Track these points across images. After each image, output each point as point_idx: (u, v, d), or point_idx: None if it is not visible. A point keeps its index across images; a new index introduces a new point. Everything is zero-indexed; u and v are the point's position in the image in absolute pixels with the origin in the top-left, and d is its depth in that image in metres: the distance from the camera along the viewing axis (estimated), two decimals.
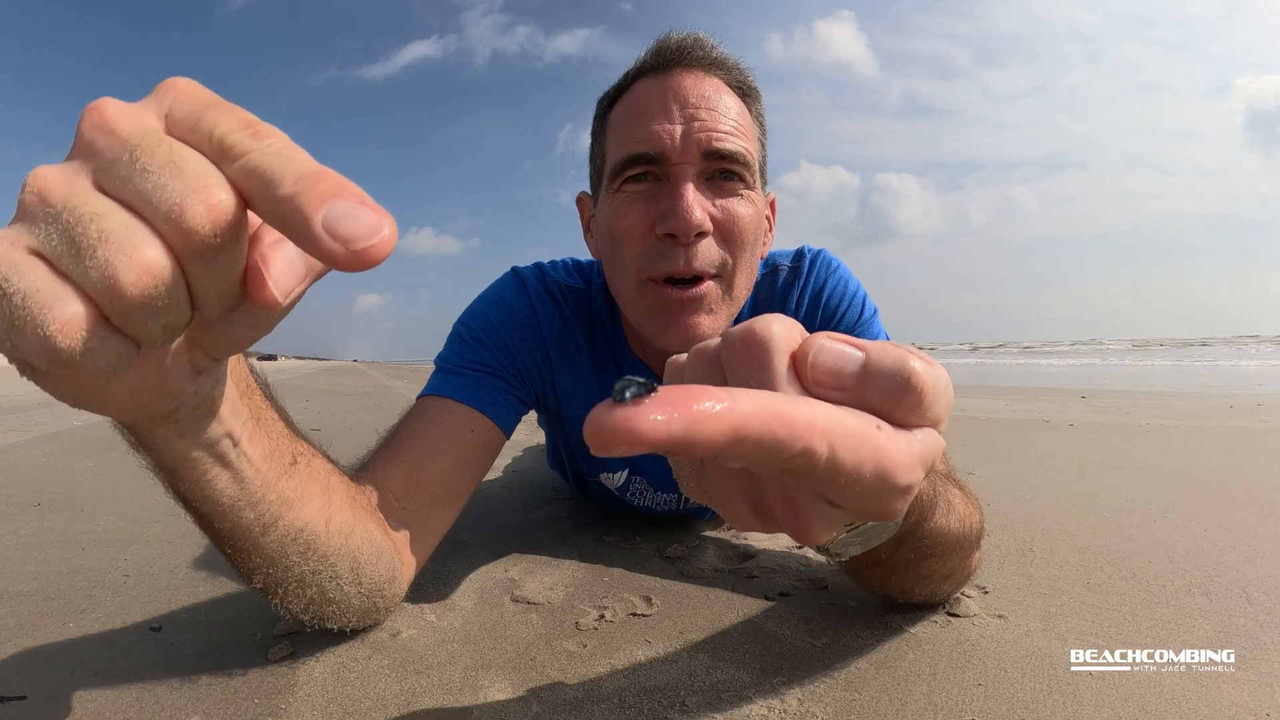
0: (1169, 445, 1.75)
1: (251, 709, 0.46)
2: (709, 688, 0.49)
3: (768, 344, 0.22)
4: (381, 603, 0.54)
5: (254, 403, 0.39)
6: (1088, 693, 0.47)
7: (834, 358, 0.21)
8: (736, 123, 0.61)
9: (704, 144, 0.59)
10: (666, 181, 0.60)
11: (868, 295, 0.75)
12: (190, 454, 0.34)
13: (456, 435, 0.63)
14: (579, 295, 0.76)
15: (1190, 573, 0.74)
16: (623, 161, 0.61)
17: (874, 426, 0.21)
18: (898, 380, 0.21)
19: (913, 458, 0.21)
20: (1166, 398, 3.54)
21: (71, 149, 0.22)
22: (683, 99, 0.60)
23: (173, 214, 0.20)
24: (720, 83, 0.62)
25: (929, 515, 0.46)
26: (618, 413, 0.17)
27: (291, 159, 0.21)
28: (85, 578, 0.73)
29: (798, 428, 0.18)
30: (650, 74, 0.63)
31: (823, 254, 0.76)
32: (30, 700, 0.47)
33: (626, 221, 0.61)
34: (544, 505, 1.10)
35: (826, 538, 0.24)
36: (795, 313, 0.73)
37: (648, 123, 0.60)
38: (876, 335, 0.73)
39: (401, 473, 0.58)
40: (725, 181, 0.61)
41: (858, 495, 0.21)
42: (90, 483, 1.26)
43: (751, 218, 0.62)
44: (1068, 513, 1.03)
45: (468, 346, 0.70)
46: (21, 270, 0.20)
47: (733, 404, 0.18)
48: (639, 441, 0.17)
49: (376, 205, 0.20)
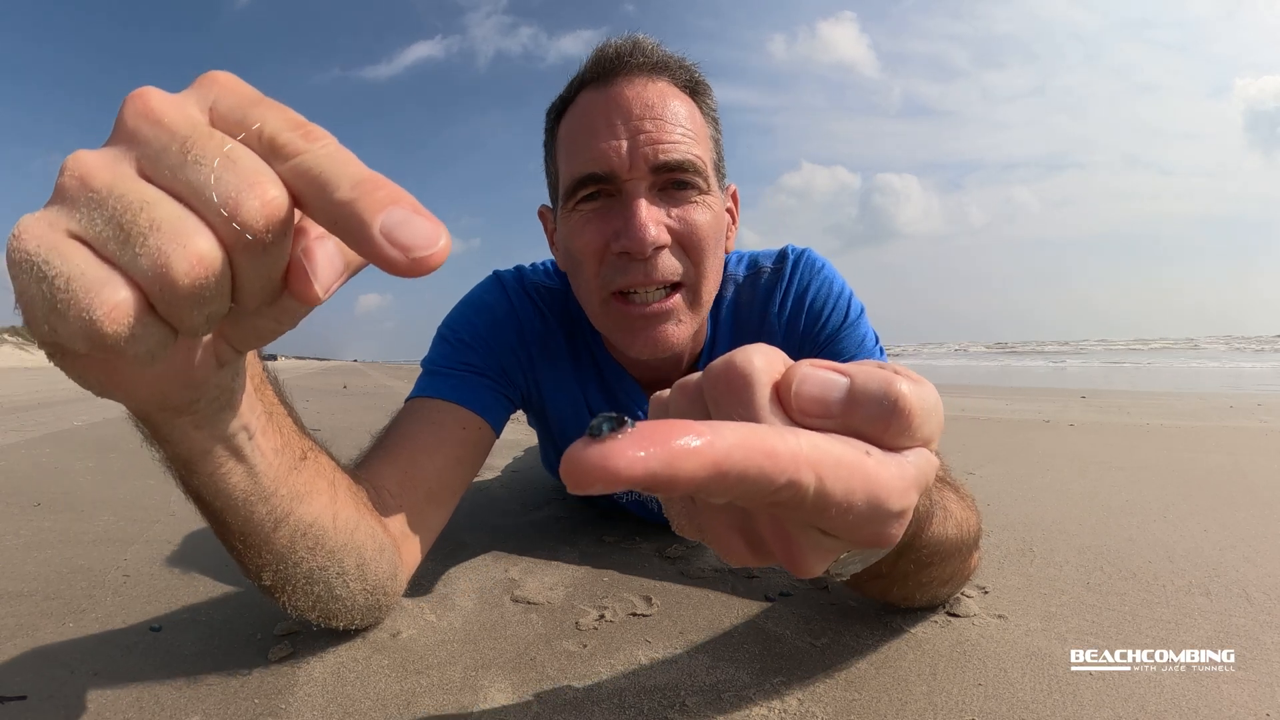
0: (1169, 445, 1.75)
1: (251, 709, 0.46)
2: (709, 688, 0.49)
3: (749, 377, 0.21)
4: (383, 600, 0.54)
5: (266, 397, 0.39)
6: (1088, 693, 0.47)
7: (818, 386, 0.21)
8: (685, 128, 0.60)
9: (651, 158, 0.58)
10: (619, 198, 0.60)
11: (854, 294, 0.73)
12: (207, 446, 0.34)
13: (448, 433, 0.63)
14: (557, 297, 0.76)
15: (1190, 573, 0.74)
16: (574, 182, 0.61)
17: (863, 453, 0.20)
18: (884, 404, 0.20)
19: (905, 482, 0.21)
20: (1166, 398, 3.54)
21: (112, 135, 0.22)
22: (626, 111, 0.59)
23: (227, 208, 0.20)
24: (665, 86, 0.61)
25: (926, 525, 0.45)
26: (594, 450, 0.16)
27: (345, 162, 0.21)
28: (85, 578, 0.73)
29: (782, 460, 0.18)
30: (592, 85, 0.62)
31: (806, 253, 0.74)
32: (30, 700, 0.47)
33: (582, 241, 0.61)
34: (544, 505, 1.10)
35: (822, 569, 0.23)
36: (779, 315, 0.72)
37: (594, 141, 0.59)
38: (864, 335, 0.71)
39: (396, 471, 0.58)
40: (678, 191, 0.60)
41: (851, 524, 0.20)
42: (90, 483, 1.26)
43: (709, 223, 0.61)
44: (1068, 513, 1.03)
45: (452, 348, 0.70)
46: (64, 253, 0.20)
47: (714, 438, 0.17)
48: (616, 479, 0.16)
49: (430, 214, 0.20)
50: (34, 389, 4.63)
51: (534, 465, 1.47)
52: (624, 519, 0.96)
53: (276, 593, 0.46)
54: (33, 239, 0.20)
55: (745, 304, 0.74)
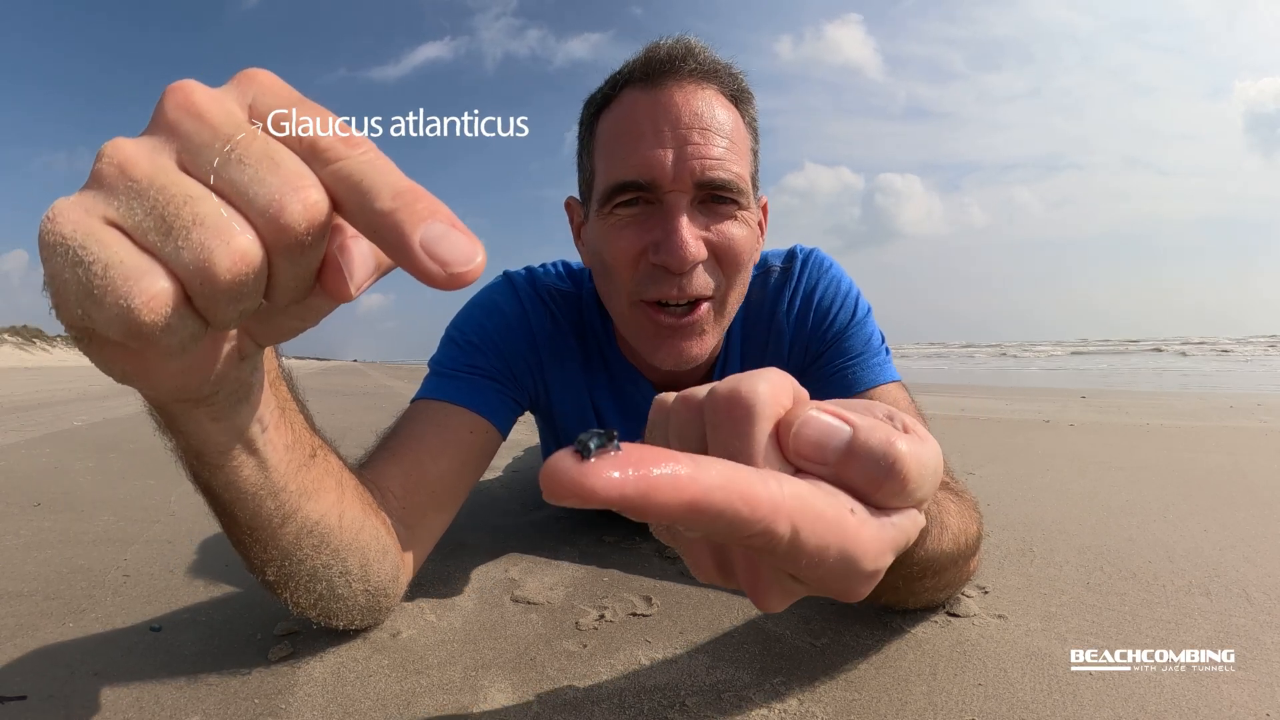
0: (1169, 445, 1.75)
1: (251, 709, 0.46)
2: (709, 688, 0.49)
3: (751, 409, 0.21)
4: (384, 601, 0.54)
5: (280, 393, 0.39)
6: (1088, 693, 0.47)
7: (818, 432, 0.21)
8: (730, 142, 0.60)
9: (697, 173, 0.57)
10: (659, 207, 0.59)
11: (861, 294, 0.74)
12: (221, 438, 0.34)
13: (455, 437, 0.63)
14: (570, 299, 0.76)
15: (1190, 573, 0.74)
16: (613, 187, 0.59)
17: (847, 510, 0.20)
18: (881, 464, 0.20)
19: (882, 544, 0.21)
20: (1166, 398, 3.54)
21: (151, 125, 0.22)
22: (674, 119, 0.58)
23: (270, 209, 0.21)
24: (713, 95, 0.60)
25: (919, 544, 0.45)
26: (573, 466, 0.16)
27: (385, 171, 0.21)
28: (85, 578, 0.73)
29: (761, 508, 0.18)
30: (639, 85, 0.60)
31: (815, 253, 0.75)
32: (30, 700, 0.47)
33: (617, 247, 0.60)
34: (544, 505, 1.10)
35: (784, 607, 0.23)
36: (787, 314, 0.72)
37: (639, 147, 0.58)
38: (870, 336, 0.71)
39: (401, 474, 0.58)
40: (718, 205, 0.60)
41: (821, 577, 0.20)
42: (90, 483, 1.26)
43: (746, 238, 0.61)
44: (1068, 513, 1.03)
45: (461, 350, 0.69)
46: (102, 240, 0.20)
47: (695, 473, 0.17)
48: (590, 497, 0.16)
49: (468, 230, 0.21)
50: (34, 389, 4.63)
51: (534, 465, 1.47)
52: (624, 519, 0.96)
53: (279, 589, 0.46)
54: (68, 223, 0.20)
55: (755, 303, 0.74)
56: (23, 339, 40.74)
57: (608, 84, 0.64)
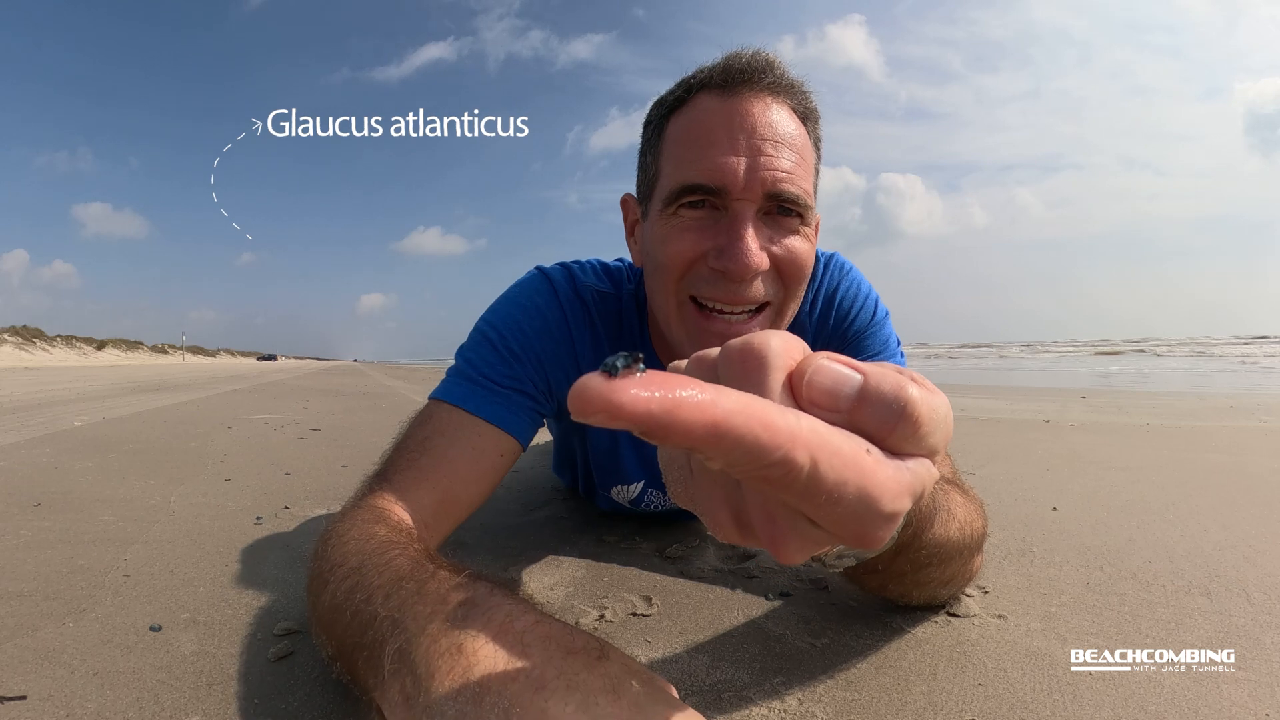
0: (1169, 445, 1.75)
1: (251, 709, 0.46)
2: (709, 688, 0.49)
3: (764, 358, 0.21)
4: None
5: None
6: (1088, 693, 0.47)
7: (831, 379, 0.21)
8: (799, 157, 0.60)
9: (768, 184, 0.57)
10: (724, 213, 0.59)
11: (880, 298, 0.76)
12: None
13: (489, 464, 0.63)
14: (609, 301, 0.74)
15: (1190, 573, 0.74)
16: (681, 188, 0.59)
17: (863, 449, 0.20)
18: (893, 407, 0.20)
19: (900, 486, 0.21)
20: (1166, 398, 3.54)
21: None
22: (750, 128, 0.58)
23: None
24: (786, 110, 0.60)
25: (927, 526, 0.45)
26: (602, 383, 0.17)
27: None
28: (85, 578, 0.73)
29: (780, 435, 0.18)
30: (715, 91, 0.60)
31: (835, 257, 0.76)
32: (30, 700, 0.47)
33: (676, 248, 0.60)
34: (544, 505, 1.10)
35: (804, 558, 0.23)
36: (809, 314, 0.73)
37: (711, 152, 0.58)
38: (888, 338, 0.73)
39: (433, 502, 0.58)
40: (784, 217, 0.60)
41: (838, 516, 0.20)
42: (90, 483, 1.26)
43: (807, 252, 0.61)
44: (1068, 513, 1.03)
45: (499, 357, 0.67)
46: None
47: (716, 399, 0.17)
48: (618, 413, 0.16)
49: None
50: (34, 389, 4.63)
51: (534, 465, 1.47)
52: (624, 519, 0.96)
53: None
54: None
55: None
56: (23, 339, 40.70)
57: (681, 86, 0.63)
